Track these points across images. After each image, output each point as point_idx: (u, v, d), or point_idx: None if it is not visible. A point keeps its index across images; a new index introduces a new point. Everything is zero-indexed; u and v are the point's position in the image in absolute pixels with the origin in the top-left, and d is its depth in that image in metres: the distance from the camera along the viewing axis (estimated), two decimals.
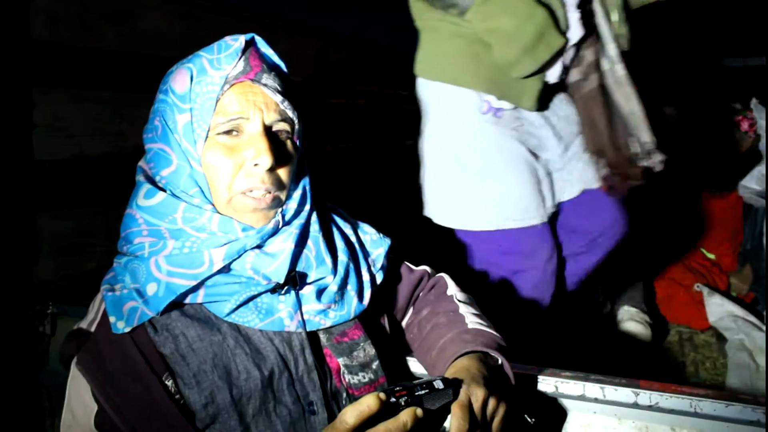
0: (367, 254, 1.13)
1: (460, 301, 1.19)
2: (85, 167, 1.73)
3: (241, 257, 0.95)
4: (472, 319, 1.13)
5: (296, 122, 1.01)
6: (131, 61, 1.84)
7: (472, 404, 0.90)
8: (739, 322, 2.54)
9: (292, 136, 1.01)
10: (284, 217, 1.00)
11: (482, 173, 1.66)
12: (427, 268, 1.29)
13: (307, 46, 2.83)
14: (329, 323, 1.01)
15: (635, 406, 1.16)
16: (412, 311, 1.25)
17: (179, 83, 0.97)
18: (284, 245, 0.98)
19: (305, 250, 1.02)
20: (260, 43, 1.03)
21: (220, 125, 0.95)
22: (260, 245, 0.97)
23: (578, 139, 1.74)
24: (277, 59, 1.05)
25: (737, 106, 3.50)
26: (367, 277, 1.09)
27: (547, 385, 1.21)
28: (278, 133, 0.99)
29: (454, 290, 1.23)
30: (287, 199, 1.02)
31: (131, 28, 1.82)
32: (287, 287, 0.97)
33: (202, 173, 0.97)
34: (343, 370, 1.00)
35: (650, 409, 1.15)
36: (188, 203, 0.96)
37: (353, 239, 1.13)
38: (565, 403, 1.21)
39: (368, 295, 1.08)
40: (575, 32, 1.53)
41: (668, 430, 1.14)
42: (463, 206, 1.69)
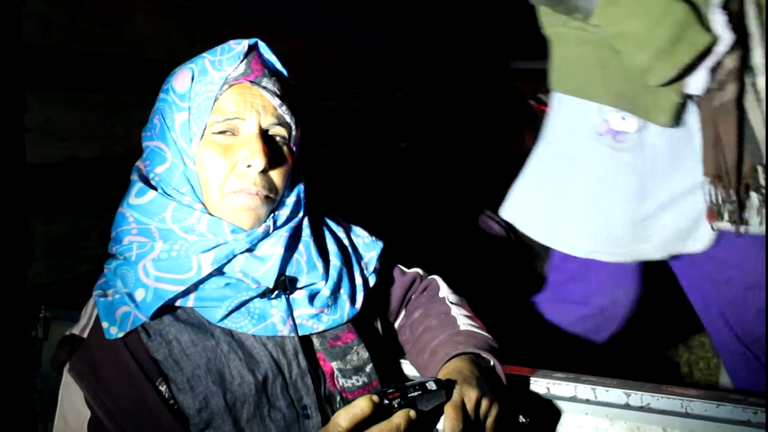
0: (359, 258, 1.14)
1: (452, 303, 1.20)
2: (77, 170, 1.72)
3: (230, 261, 0.95)
4: (464, 320, 1.14)
5: (294, 128, 1.01)
6: (124, 64, 1.83)
7: (465, 405, 0.91)
8: None
9: (288, 141, 1.02)
10: (276, 222, 1.00)
11: (584, 200, 1.52)
12: (419, 270, 1.30)
13: (301, 48, 2.83)
14: (322, 327, 1.01)
15: (627, 407, 1.16)
16: (404, 313, 1.25)
17: (180, 82, 0.98)
18: (274, 249, 0.98)
19: (296, 254, 1.01)
20: (263, 48, 1.03)
21: (216, 124, 0.96)
22: (250, 249, 0.97)
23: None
24: (279, 66, 1.05)
25: None
26: (359, 280, 1.10)
27: (539, 386, 1.21)
28: (274, 136, 1.00)
29: (446, 292, 1.23)
30: (280, 205, 1.02)
31: (123, 31, 1.81)
32: (278, 292, 0.98)
33: (195, 172, 0.97)
34: (336, 373, 1.01)
35: (642, 409, 1.16)
36: (178, 202, 0.96)
37: (346, 243, 1.13)
38: (557, 404, 1.21)
39: (361, 298, 1.08)
40: (725, 36, 1.29)
41: (660, 430, 1.15)
42: (555, 224, 1.58)
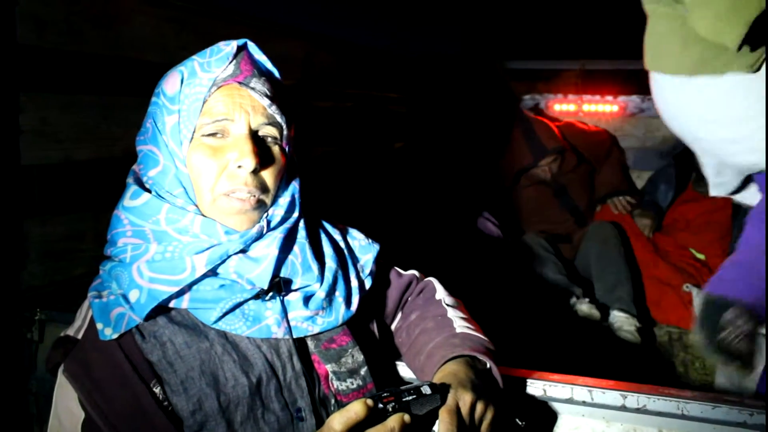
0: (356, 260, 1.13)
1: (448, 305, 1.19)
2: (73, 172, 1.71)
3: (224, 262, 0.95)
4: (460, 323, 1.13)
5: (285, 127, 1.01)
6: (119, 65, 1.83)
7: (460, 409, 0.90)
8: None
9: (280, 141, 1.01)
10: (270, 223, 0.99)
11: None
12: (415, 272, 1.29)
13: (296, 49, 2.83)
14: (317, 330, 1.01)
15: (623, 408, 1.16)
16: (400, 316, 1.25)
17: (170, 86, 0.98)
18: (268, 251, 0.97)
19: (291, 256, 1.01)
20: (253, 48, 1.03)
21: (205, 126, 0.95)
22: (244, 250, 0.97)
23: None
24: (270, 66, 1.04)
25: None
26: (355, 283, 1.09)
27: (535, 388, 1.21)
28: (265, 137, 0.99)
29: (442, 294, 1.23)
30: (274, 204, 1.02)
31: (118, 32, 1.81)
32: (272, 293, 0.97)
33: (186, 174, 0.97)
34: (331, 376, 1.00)
35: (638, 411, 1.16)
36: (172, 204, 0.96)
37: (342, 245, 1.13)
38: (554, 406, 1.21)
39: (356, 301, 1.08)
40: None
41: None
42: None
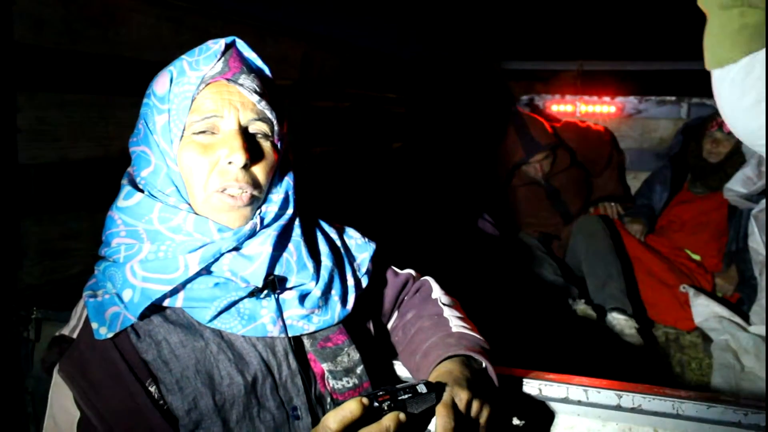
0: (352, 259, 1.13)
1: (444, 304, 1.19)
2: (69, 171, 1.71)
3: (218, 260, 0.95)
4: (456, 322, 1.14)
5: (276, 123, 1.01)
6: (116, 64, 1.82)
7: (456, 406, 0.91)
8: (724, 323, 2.56)
9: (271, 137, 1.01)
10: (263, 220, 0.99)
11: None
12: (411, 271, 1.30)
13: (294, 49, 2.82)
14: (313, 328, 1.01)
15: (618, 408, 1.17)
16: (397, 315, 1.25)
17: (160, 86, 0.98)
18: (262, 248, 0.97)
19: (286, 254, 1.01)
20: (242, 46, 1.03)
21: (195, 124, 0.95)
22: (237, 248, 0.96)
23: None
24: (260, 63, 1.04)
25: None
26: (351, 281, 1.09)
27: (531, 387, 1.21)
28: (255, 133, 0.99)
29: (438, 293, 1.23)
30: (267, 201, 1.01)
31: (116, 31, 1.81)
32: (267, 291, 0.97)
33: (178, 172, 0.97)
34: (327, 375, 1.00)
35: (633, 411, 1.16)
36: (164, 203, 0.96)
37: (338, 244, 1.13)
38: (549, 405, 1.21)
39: (352, 299, 1.08)
40: None
41: (651, 431, 1.15)
42: None
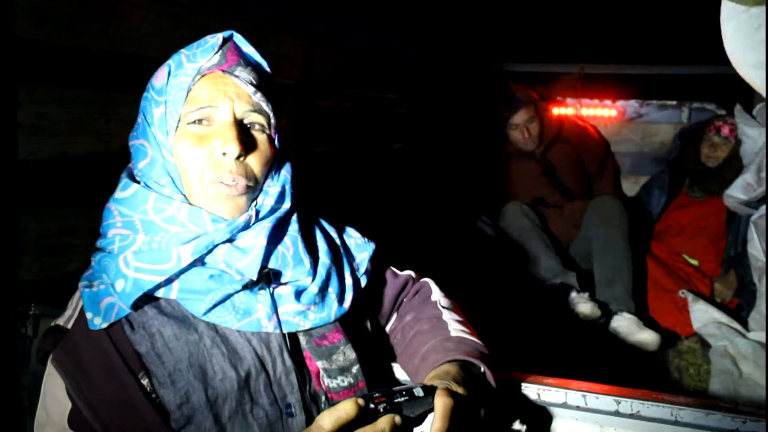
0: (351, 258, 1.13)
1: (443, 307, 1.19)
2: (69, 167, 1.71)
3: (212, 251, 0.94)
4: (455, 326, 1.13)
5: (272, 116, 1.01)
6: (117, 60, 1.82)
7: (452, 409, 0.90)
8: (722, 328, 2.55)
9: (268, 129, 1.01)
10: (258, 212, 0.98)
11: None
12: (411, 272, 1.29)
13: (295, 47, 2.82)
14: (309, 325, 1.00)
15: (617, 414, 1.16)
16: (396, 317, 1.24)
17: (159, 79, 0.99)
18: (256, 240, 0.97)
19: (282, 248, 1.00)
20: (239, 40, 1.04)
21: (190, 114, 0.96)
22: (231, 239, 0.96)
23: None
24: (258, 57, 1.05)
25: (719, 111, 3.53)
26: (349, 280, 1.09)
27: (529, 392, 1.20)
28: (251, 124, 0.99)
29: (438, 296, 1.23)
30: (262, 193, 1.01)
31: (117, 27, 1.80)
32: (261, 284, 0.97)
33: (173, 163, 0.97)
34: (322, 373, 1.00)
35: (632, 417, 1.15)
36: (159, 193, 0.96)
37: (337, 242, 1.13)
38: (547, 410, 1.21)
39: (350, 298, 1.07)
40: None
41: None
42: None
